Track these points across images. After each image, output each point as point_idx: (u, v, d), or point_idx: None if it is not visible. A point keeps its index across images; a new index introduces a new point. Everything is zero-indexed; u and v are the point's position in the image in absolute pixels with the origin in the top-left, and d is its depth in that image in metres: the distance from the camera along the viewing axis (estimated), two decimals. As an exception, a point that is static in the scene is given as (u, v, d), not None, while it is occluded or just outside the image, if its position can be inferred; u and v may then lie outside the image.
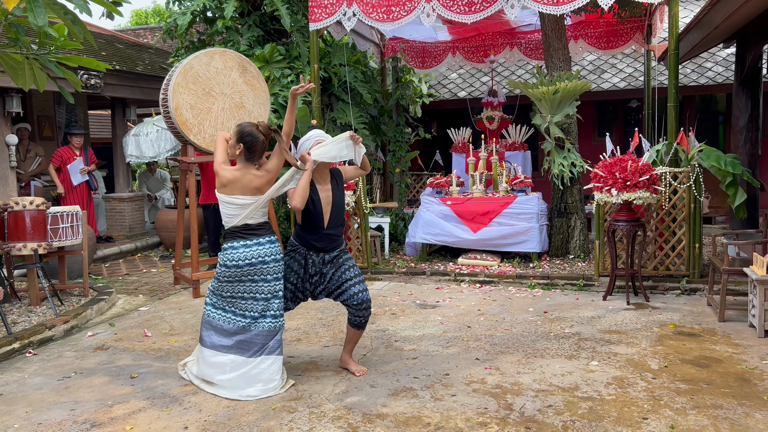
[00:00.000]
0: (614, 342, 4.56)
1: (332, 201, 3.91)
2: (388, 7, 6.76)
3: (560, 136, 6.98)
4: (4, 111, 7.66)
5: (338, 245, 3.98)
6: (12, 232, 5.57)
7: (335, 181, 3.98)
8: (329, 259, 3.94)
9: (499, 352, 4.39)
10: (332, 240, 3.93)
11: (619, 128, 11.46)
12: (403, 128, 9.72)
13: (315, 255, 3.92)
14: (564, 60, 7.18)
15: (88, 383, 4.09)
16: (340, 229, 3.98)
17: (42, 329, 5.09)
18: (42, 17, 3.70)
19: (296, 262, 3.94)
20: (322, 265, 3.94)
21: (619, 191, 5.53)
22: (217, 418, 3.46)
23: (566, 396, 3.60)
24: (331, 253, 3.95)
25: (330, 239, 3.91)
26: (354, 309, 3.94)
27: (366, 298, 3.93)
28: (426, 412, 3.44)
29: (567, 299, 5.90)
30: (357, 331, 4.04)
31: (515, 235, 7.00)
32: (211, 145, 6.63)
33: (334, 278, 3.94)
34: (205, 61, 6.56)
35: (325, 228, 3.87)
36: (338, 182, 4.00)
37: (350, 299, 3.92)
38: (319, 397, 3.72)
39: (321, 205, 3.85)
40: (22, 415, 3.60)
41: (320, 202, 3.85)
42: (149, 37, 16.81)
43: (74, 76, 4.19)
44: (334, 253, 3.95)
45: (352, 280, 3.93)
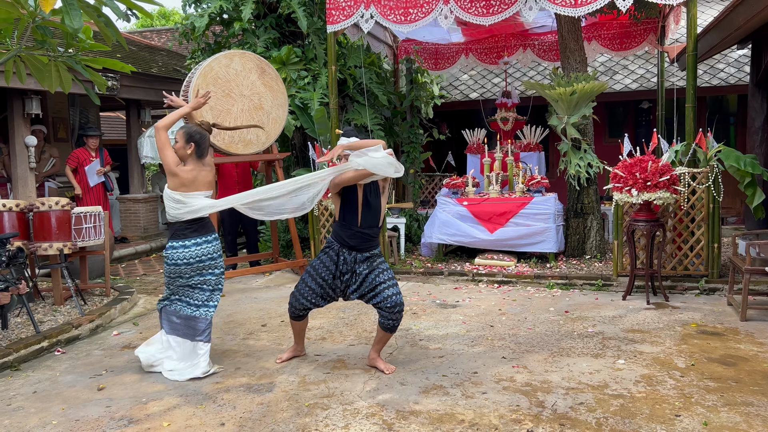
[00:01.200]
0: (638, 341, 4.59)
1: (364, 200, 3.97)
2: (406, 8, 6.80)
3: (577, 136, 7.01)
4: (23, 113, 7.72)
5: (371, 246, 4.03)
6: (38, 232, 5.63)
7: (373, 183, 4.03)
8: (362, 258, 4.00)
9: (524, 351, 4.43)
10: (365, 239, 3.98)
11: (630, 129, 11.48)
12: (416, 129, 9.77)
13: (347, 253, 3.99)
14: (580, 61, 7.22)
15: (119, 381, 4.14)
16: (375, 230, 4.03)
17: (69, 328, 5.14)
18: (78, 20, 3.75)
19: (329, 258, 4.04)
20: (354, 263, 4.00)
21: (640, 191, 5.56)
22: (252, 415, 3.50)
23: (596, 394, 3.63)
24: (364, 253, 4.00)
25: (363, 238, 3.97)
26: (387, 312, 3.98)
27: (399, 301, 3.97)
28: (459, 409, 3.48)
29: (586, 299, 5.94)
30: (387, 333, 4.09)
31: (532, 236, 7.03)
32: (230, 147, 6.68)
33: (368, 280, 4.00)
34: (225, 63, 6.62)
35: (359, 226, 3.93)
36: (373, 184, 4.04)
37: (383, 302, 3.97)
38: (351, 394, 3.76)
39: (357, 204, 3.93)
40: (59, 412, 3.65)
41: (357, 201, 3.93)
42: (156, 39, 16.90)
43: (101, 78, 4.24)
44: (366, 253, 4.01)
45: (385, 282, 3.98)
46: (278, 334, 5.10)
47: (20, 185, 7.83)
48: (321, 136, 7.73)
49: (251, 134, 6.81)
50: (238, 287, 6.98)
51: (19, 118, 7.72)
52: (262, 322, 5.48)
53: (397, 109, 9.70)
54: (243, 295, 6.56)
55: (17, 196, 7.83)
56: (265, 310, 5.86)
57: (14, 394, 3.97)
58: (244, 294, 6.63)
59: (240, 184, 7.46)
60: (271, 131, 7.01)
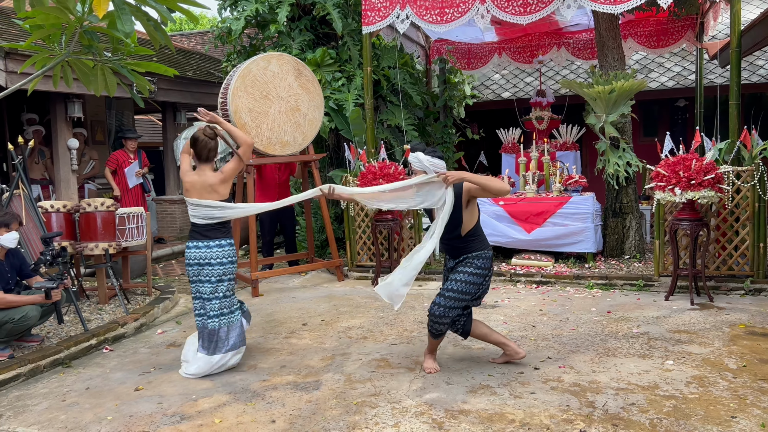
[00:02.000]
0: (685, 342, 4.52)
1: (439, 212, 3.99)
2: (442, 8, 6.79)
3: (615, 135, 6.93)
4: (66, 116, 7.90)
5: (457, 254, 4.01)
6: (84, 232, 5.76)
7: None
8: (451, 265, 4.08)
9: (569, 351, 4.39)
10: (449, 248, 4.04)
11: (665, 128, 11.29)
12: (450, 129, 9.75)
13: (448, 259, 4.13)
14: (618, 59, 7.13)
15: (168, 378, 4.21)
16: (456, 241, 3.96)
17: (115, 326, 5.24)
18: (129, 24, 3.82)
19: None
20: (448, 271, 4.12)
21: (683, 190, 5.47)
22: (302, 413, 3.53)
23: (647, 394, 3.59)
24: (452, 261, 4.07)
25: (447, 246, 4.04)
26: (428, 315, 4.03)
27: (432, 311, 3.95)
28: (508, 409, 3.47)
29: (628, 299, 5.86)
30: (428, 336, 4.09)
31: (570, 236, 6.97)
32: (268, 148, 6.75)
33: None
34: (263, 65, 6.69)
35: (442, 236, 3.96)
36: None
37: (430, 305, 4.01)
38: (398, 393, 3.77)
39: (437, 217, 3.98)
40: (113, 408, 3.73)
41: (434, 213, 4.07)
42: (185, 42, 17.12)
43: (145, 81, 4.31)
44: (453, 262, 4.06)
45: (441, 289, 4.01)
46: (320, 332, 5.13)
47: (63, 187, 8.01)
48: (356, 137, 7.76)
49: (288, 136, 6.88)
50: (276, 287, 7.05)
51: (61, 121, 7.90)
52: (302, 321, 5.52)
53: (429, 109, 9.70)
54: (281, 295, 6.62)
55: (60, 197, 8.01)
56: (304, 310, 5.90)
57: (68, 390, 4.07)
58: (282, 294, 6.69)
59: (281, 186, 7.53)
60: (308, 132, 7.06)
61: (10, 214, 4.59)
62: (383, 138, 8.24)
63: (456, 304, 3.93)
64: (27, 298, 4.47)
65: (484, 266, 3.95)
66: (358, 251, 7.40)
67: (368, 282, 7.00)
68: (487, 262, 3.95)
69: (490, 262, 3.98)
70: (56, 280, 4.58)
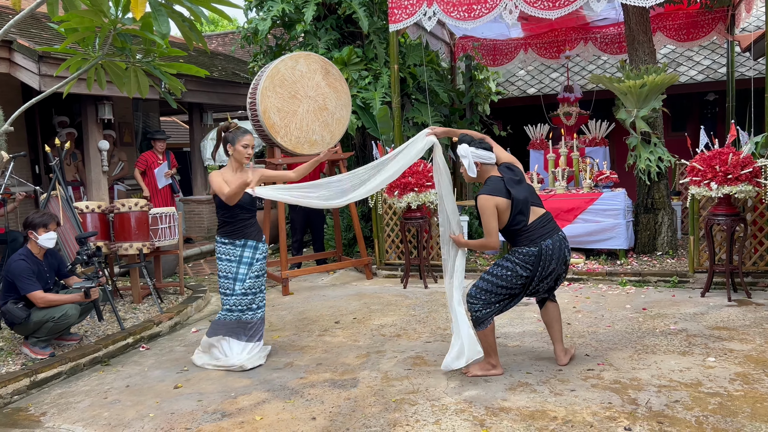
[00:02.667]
0: (725, 338, 4.44)
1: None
2: (470, 5, 6.75)
3: (647, 130, 6.84)
4: (96, 118, 8.01)
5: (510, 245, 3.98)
6: (118, 232, 5.83)
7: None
8: None
9: (607, 349, 4.34)
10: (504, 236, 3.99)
11: (695, 122, 11.14)
12: (476, 126, 9.71)
13: None
14: (649, 53, 7.03)
15: (206, 376, 4.25)
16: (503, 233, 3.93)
17: (150, 325, 5.31)
18: (165, 25, 3.85)
19: None
20: None
21: (720, 185, 5.38)
22: (342, 410, 3.54)
23: (691, 392, 3.53)
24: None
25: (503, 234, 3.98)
26: None
27: (468, 292, 3.95)
28: (549, 406, 3.44)
29: (662, 296, 5.78)
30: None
31: (601, 232, 6.89)
32: (297, 147, 6.78)
33: None
34: (291, 65, 6.72)
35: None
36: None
37: None
38: (436, 390, 3.76)
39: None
40: (153, 405, 3.77)
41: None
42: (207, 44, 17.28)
43: (178, 82, 4.34)
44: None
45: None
46: (353, 330, 5.14)
47: (94, 188, 8.13)
48: (383, 135, 7.76)
49: (316, 135, 6.89)
50: (305, 285, 7.08)
51: (92, 123, 8.01)
52: (334, 319, 5.53)
53: (455, 106, 9.66)
54: (311, 293, 6.64)
55: (91, 198, 8.13)
56: (335, 308, 5.92)
57: (108, 387, 4.12)
58: (312, 292, 6.72)
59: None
60: (336, 131, 7.08)
61: (48, 215, 4.67)
62: (410, 136, 8.22)
63: (490, 287, 3.85)
64: (66, 297, 4.54)
65: (521, 261, 3.82)
66: (387, 249, 7.39)
67: (397, 280, 7.00)
68: (526, 257, 3.81)
69: (532, 258, 3.80)
70: (93, 279, 4.65)
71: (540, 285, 3.90)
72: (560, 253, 3.84)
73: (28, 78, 6.89)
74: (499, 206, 3.78)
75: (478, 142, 3.91)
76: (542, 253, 3.80)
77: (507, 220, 3.84)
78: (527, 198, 3.86)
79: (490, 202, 3.77)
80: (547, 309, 4.11)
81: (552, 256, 3.81)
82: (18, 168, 8.57)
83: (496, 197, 3.79)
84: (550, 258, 3.81)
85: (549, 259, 3.81)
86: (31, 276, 4.43)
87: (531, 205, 3.88)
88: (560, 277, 3.98)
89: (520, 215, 3.83)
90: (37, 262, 4.56)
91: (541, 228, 3.85)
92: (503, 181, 3.84)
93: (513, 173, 3.92)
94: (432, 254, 7.16)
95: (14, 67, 6.96)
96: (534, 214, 3.87)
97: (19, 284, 4.43)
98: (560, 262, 3.86)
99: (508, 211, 3.82)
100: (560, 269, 3.90)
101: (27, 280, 4.42)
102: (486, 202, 3.78)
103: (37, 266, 4.54)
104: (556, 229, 3.91)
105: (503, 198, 3.79)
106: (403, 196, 6.55)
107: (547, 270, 3.83)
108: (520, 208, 3.83)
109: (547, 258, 3.81)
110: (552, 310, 4.10)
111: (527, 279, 3.84)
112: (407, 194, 6.53)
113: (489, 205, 3.77)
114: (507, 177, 3.87)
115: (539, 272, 3.83)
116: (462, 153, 3.89)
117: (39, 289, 4.42)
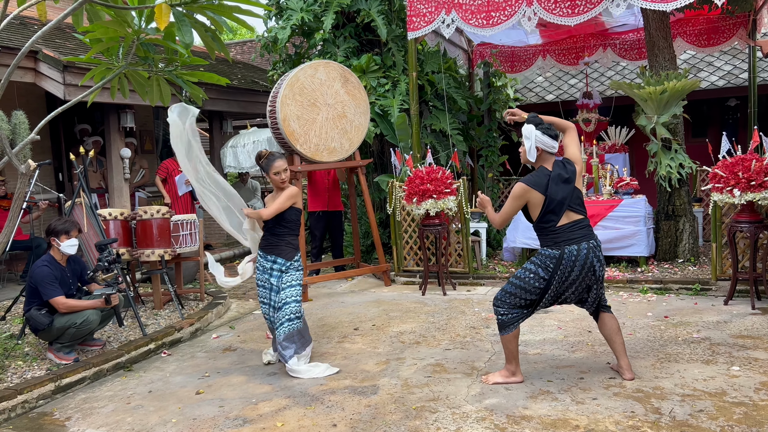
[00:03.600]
0: (750, 347, 4.38)
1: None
2: (488, 12, 6.77)
3: (667, 136, 6.79)
4: (119, 126, 8.13)
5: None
6: (141, 239, 5.91)
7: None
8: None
9: (629, 357, 4.29)
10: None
11: (715, 128, 11.02)
12: (494, 133, 9.70)
13: None
14: (669, 59, 6.98)
15: (227, 382, 4.28)
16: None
17: (172, 331, 5.36)
18: (189, 35, 3.90)
19: None
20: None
21: (743, 191, 5.32)
22: (362, 417, 3.55)
23: (715, 401, 3.49)
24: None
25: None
26: None
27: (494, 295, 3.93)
28: (571, 414, 3.42)
29: (685, 304, 5.72)
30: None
31: (622, 239, 6.84)
32: (316, 155, 6.82)
33: None
34: (310, 73, 6.77)
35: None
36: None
37: None
38: (456, 398, 3.75)
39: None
40: (176, 411, 3.80)
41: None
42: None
43: (199, 90, 4.40)
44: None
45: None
46: (372, 337, 5.15)
47: (116, 195, 8.24)
48: (401, 143, 7.78)
49: (335, 142, 6.93)
50: (324, 292, 7.10)
51: (115, 131, 8.13)
52: (353, 325, 5.55)
53: (472, 113, 9.66)
54: (330, 300, 6.66)
55: (113, 205, 8.24)
56: (354, 314, 5.93)
57: (131, 393, 4.17)
58: (331, 299, 6.74)
59: (330, 190, 7.65)
60: (354, 138, 7.11)
61: (70, 222, 4.74)
62: (428, 143, 8.24)
63: (513, 290, 3.81)
64: (88, 303, 4.60)
65: (542, 262, 3.75)
66: (405, 256, 7.40)
67: (416, 287, 7.00)
68: (547, 260, 3.74)
69: (553, 261, 3.71)
70: (114, 286, 4.71)
71: (564, 293, 3.82)
72: (585, 261, 3.72)
73: (53, 87, 7.02)
74: (530, 199, 3.74)
75: (546, 128, 3.76)
76: (563, 258, 3.71)
77: (537, 215, 3.77)
78: (564, 199, 3.75)
79: (521, 190, 3.74)
80: (602, 321, 3.95)
81: (574, 263, 3.71)
82: (42, 176, 8.73)
83: (531, 189, 3.73)
84: (572, 264, 3.71)
85: (571, 265, 3.72)
86: (54, 282, 4.50)
87: (568, 207, 3.77)
88: (591, 288, 3.85)
89: (552, 214, 3.75)
90: (60, 269, 4.64)
91: (569, 232, 3.75)
92: (548, 177, 3.75)
93: (564, 170, 3.79)
94: (450, 261, 7.16)
95: (39, 77, 7.10)
96: (567, 218, 3.78)
97: (41, 290, 4.50)
98: (586, 271, 3.73)
99: (539, 207, 3.75)
100: (588, 279, 3.78)
101: (49, 286, 4.49)
102: (519, 188, 3.74)
103: (60, 272, 4.61)
104: (587, 237, 3.77)
105: (539, 193, 3.73)
106: (421, 203, 6.56)
107: (568, 277, 3.73)
108: (553, 208, 3.74)
109: (569, 263, 3.71)
110: (608, 322, 3.93)
111: (546, 283, 3.76)
112: (426, 201, 6.53)
113: (519, 192, 3.74)
114: (555, 173, 3.77)
115: (558, 277, 3.73)
116: (526, 134, 3.76)
117: (61, 295, 4.50)
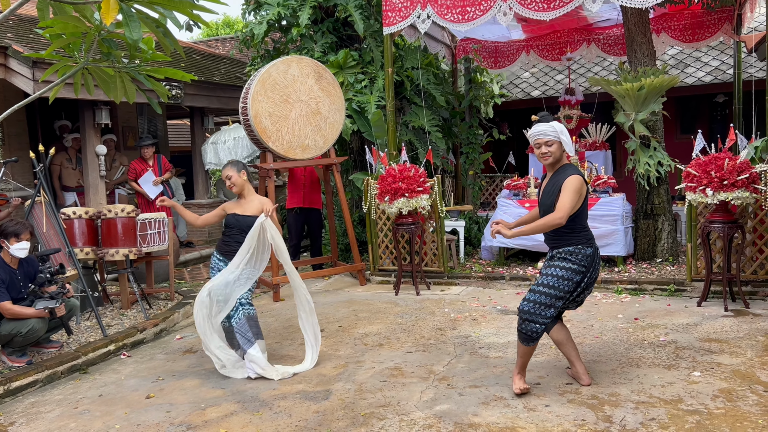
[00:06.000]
0: (716, 351, 4.29)
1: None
2: (463, 7, 6.65)
3: (646, 134, 6.67)
4: (94, 122, 8.02)
5: (553, 246, 3.78)
6: (105, 238, 5.82)
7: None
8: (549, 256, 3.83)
9: (591, 361, 4.21)
10: (547, 237, 3.80)
11: (704, 125, 10.89)
12: (476, 130, 9.58)
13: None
14: (648, 55, 6.87)
15: (180, 386, 4.20)
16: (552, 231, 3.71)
17: (134, 332, 5.27)
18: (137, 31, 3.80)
19: None
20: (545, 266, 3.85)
21: (715, 191, 5.22)
22: (308, 424, 3.46)
23: (669, 409, 3.40)
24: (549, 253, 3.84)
25: (546, 235, 3.80)
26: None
27: (521, 307, 3.69)
28: (520, 422, 3.33)
29: (658, 305, 5.62)
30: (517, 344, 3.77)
31: (599, 238, 6.64)
32: (289, 152, 6.72)
33: None
34: (283, 69, 6.67)
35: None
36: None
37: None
38: (407, 404, 3.67)
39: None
40: (122, 416, 3.72)
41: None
42: (220, 47, 17.33)
43: (162, 87, 4.30)
44: (549, 255, 3.83)
45: (532, 285, 3.77)
46: (335, 339, 5.06)
47: (92, 193, 8.14)
48: (378, 140, 7.67)
49: (309, 139, 6.83)
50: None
51: (90, 128, 8.03)
52: (320, 327, 5.44)
53: (455, 109, 9.55)
54: (302, 300, 6.56)
55: (89, 203, 8.14)
56: (323, 315, 5.84)
57: (81, 397, 4.09)
58: (304, 298, 6.64)
59: (306, 186, 7.56)
60: (329, 135, 7.01)
61: (22, 224, 4.57)
62: (407, 140, 8.14)
63: (548, 300, 3.62)
64: (32, 312, 4.39)
65: (578, 261, 3.63)
66: (381, 255, 7.31)
67: (390, 286, 6.90)
68: (583, 258, 3.63)
69: (588, 259, 3.63)
70: (58, 298, 4.54)
71: (584, 293, 3.74)
72: (599, 260, 3.79)
73: (22, 83, 6.92)
74: (582, 194, 3.66)
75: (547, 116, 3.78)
76: (595, 254, 3.72)
77: (578, 209, 3.66)
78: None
79: (580, 183, 3.62)
80: (559, 327, 3.78)
81: (599, 261, 3.76)
82: (19, 173, 8.65)
83: (584, 183, 3.68)
84: (599, 262, 3.76)
85: (598, 262, 3.75)
86: (1, 286, 4.37)
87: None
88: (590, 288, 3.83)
89: (586, 210, 3.74)
90: (9, 271, 4.50)
91: (590, 230, 3.79)
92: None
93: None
94: (426, 260, 7.07)
95: (9, 73, 7.00)
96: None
97: None
98: (598, 270, 3.78)
99: (581, 203, 3.67)
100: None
101: None
102: (578, 182, 3.61)
103: (9, 275, 4.47)
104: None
105: (587, 187, 3.72)
106: (393, 201, 6.46)
107: (594, 275, 3.72)
108: (586, 205, 3.74)
109: (597, 261, 3.73)
110: (563, 328, 3.80)
111: (576, 285, 3.67)
112: (398, 199, 6.42)
113: (579, 185, 3.61)
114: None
115: (588, 276, 3.67)
116: (559, 130, 3.65)
117: (7, 300, 4.35)
